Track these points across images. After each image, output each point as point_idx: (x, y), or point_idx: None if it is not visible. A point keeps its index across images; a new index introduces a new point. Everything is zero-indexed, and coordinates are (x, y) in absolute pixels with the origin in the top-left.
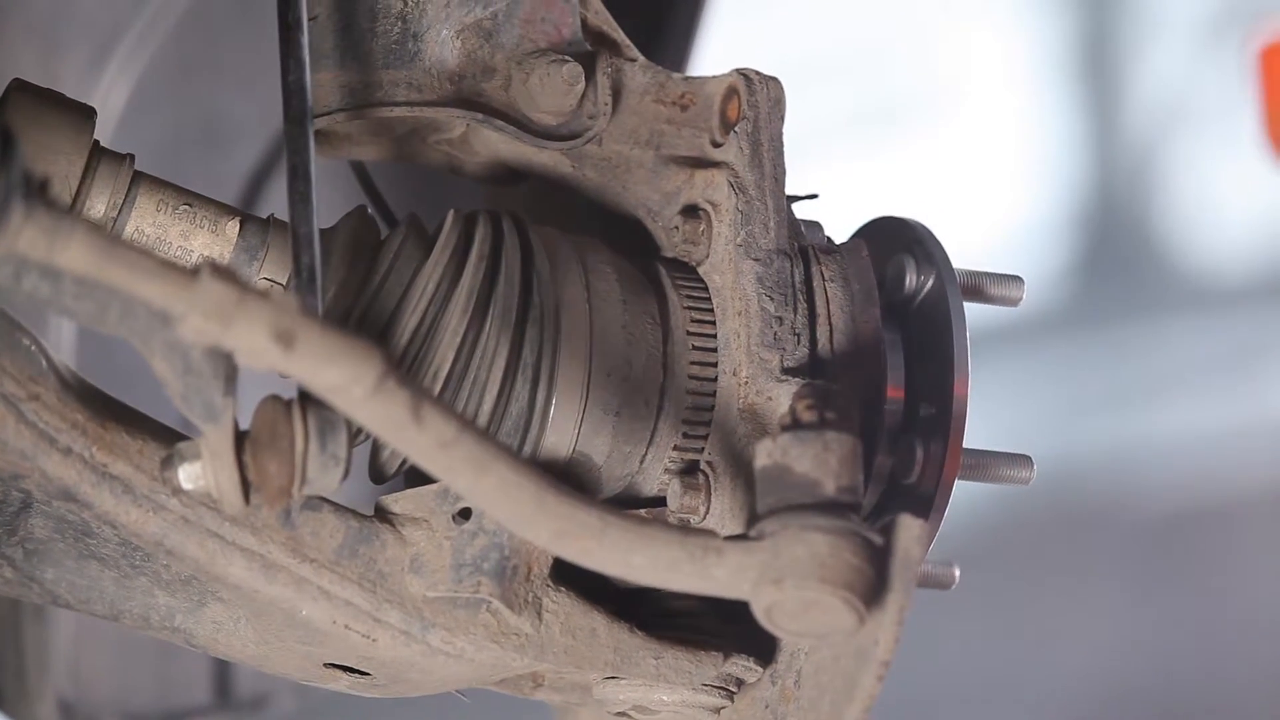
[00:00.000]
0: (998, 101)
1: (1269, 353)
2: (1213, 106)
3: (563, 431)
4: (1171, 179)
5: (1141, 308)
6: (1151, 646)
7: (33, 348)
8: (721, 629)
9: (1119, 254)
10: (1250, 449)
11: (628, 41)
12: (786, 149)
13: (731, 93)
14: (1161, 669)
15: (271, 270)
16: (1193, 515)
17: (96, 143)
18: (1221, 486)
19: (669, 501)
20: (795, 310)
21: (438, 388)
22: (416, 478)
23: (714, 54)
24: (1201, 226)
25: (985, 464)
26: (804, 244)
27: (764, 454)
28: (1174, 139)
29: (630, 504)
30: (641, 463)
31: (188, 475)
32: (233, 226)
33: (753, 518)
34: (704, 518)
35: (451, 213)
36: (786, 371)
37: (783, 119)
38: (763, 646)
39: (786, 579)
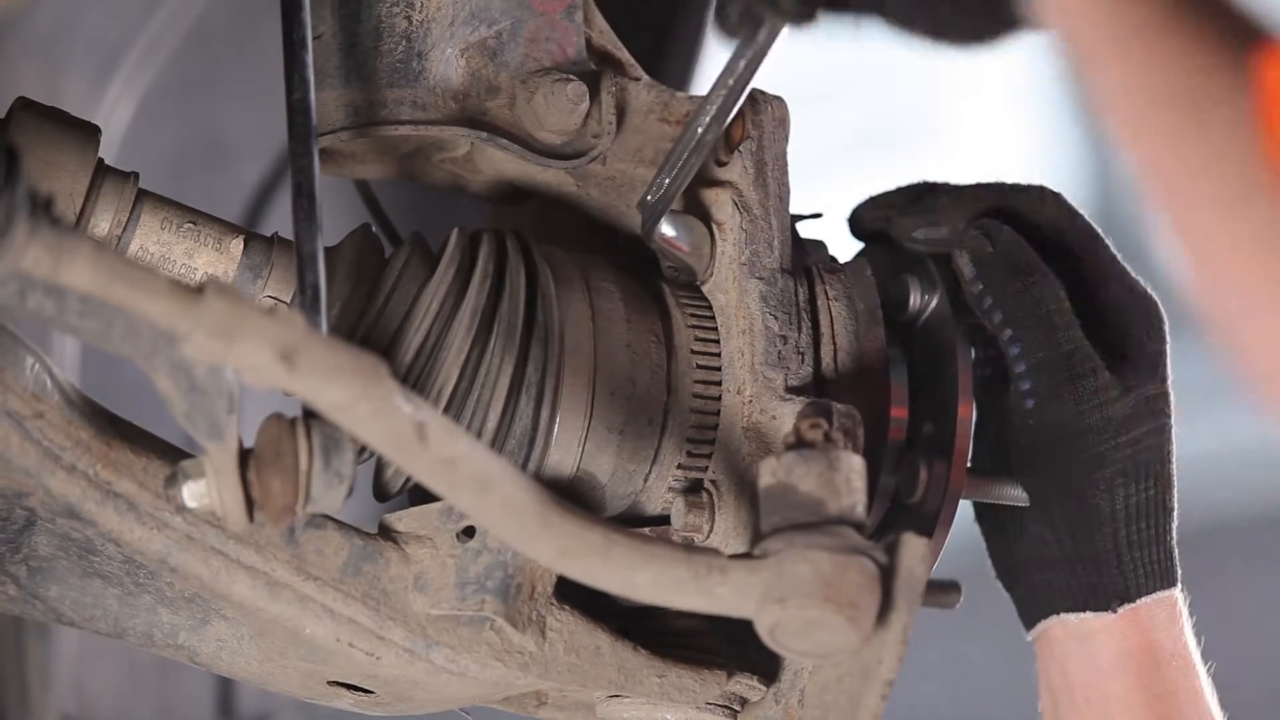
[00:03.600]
0: (999, 124)
1: None
2: None
3: (567, 450)
4: None
5: None
6: None
7: (37, 365)
8: (725, 648)
9: None
10: (1245, 472)
11: (632, 61)
12: (790, 168)
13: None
14: None
15: (276, 288)
16: (1183, 539)
17: (101, 160)
18: (1215, 510)
19: (673, 520)
20: (799, 329)
21: (442, 405)
22: (420, 496)
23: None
24: None
25: (986, 485)
26: (808, 263)
27: (768, 473)
28: None
29: (634, 522)
30: (645, 481)
31: (191, 493)
32: (237, 245)
33: (756, 536)
34: (708, 536)
35: (456, 231)
36: (790, 390)
37: (787, 138)
38: (766, 665)
39: (790, 598)
